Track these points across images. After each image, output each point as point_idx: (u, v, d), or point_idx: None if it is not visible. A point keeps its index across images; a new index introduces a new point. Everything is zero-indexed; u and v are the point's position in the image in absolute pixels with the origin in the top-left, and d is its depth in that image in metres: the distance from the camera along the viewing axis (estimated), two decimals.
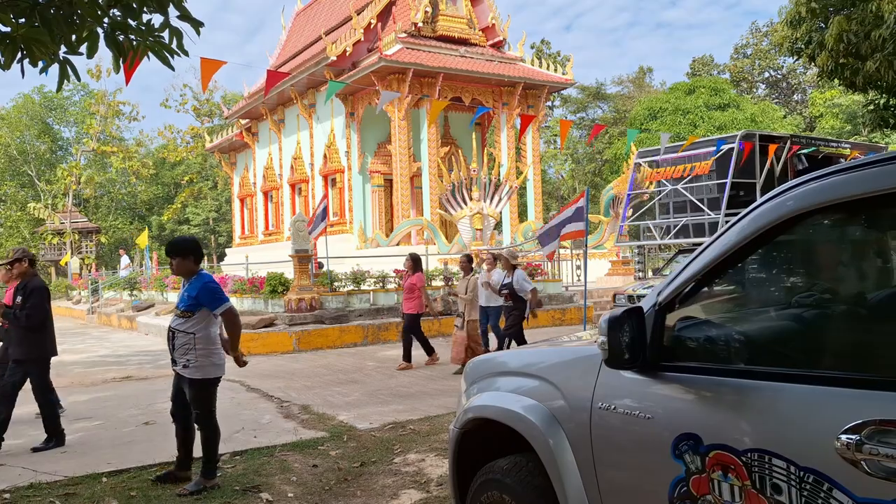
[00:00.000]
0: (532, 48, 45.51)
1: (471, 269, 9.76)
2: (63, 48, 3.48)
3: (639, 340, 2.17)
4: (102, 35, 3.47)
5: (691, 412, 2.05)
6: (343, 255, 17.67)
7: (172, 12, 3.59)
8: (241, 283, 15.08)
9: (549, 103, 41.20)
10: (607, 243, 20.65)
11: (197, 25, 3.60)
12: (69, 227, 36.94)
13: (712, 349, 2.16)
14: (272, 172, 27.65)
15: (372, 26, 21.79)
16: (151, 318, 17.43)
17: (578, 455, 2.40)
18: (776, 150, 13.77)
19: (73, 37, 3.48)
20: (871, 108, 14.83)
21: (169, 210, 45.56)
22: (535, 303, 9.36)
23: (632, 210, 15.71)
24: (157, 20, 3.62)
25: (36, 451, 5.87)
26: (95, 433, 6.53)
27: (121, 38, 3.49)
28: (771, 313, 2.17)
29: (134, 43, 3.54)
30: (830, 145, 15.58)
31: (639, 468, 2.22)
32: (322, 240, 15.37)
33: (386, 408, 7.26)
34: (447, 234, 20.75)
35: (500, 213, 20.76)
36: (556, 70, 23.86)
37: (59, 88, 3.67)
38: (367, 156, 22.88)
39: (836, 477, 1.66)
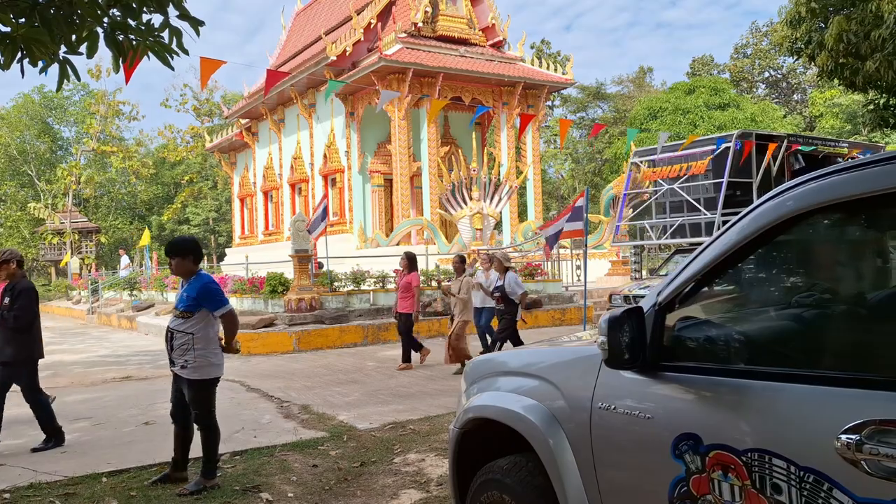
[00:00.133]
0: (532, 48, 45.55)
1: (464, 269, 9.72)
2: (63, 48, 3.48)
3: (639, 340, 2.17)
4: (102, 35, 3.47)
5: (691, 412, 2.05)
6: (343, 255, 17.68)
7: (172, 12, 3.59)
8: (240, 283, 15.09)
9: (549, 103, 41.19)
10: (607, 243, 20.65)
11: (197, 25, 3.60)
12: (69, 226, 36.95)
13: (712, 349, 2.16)
14: (272, 172, 27.65)
15: (372, 26, 21.79)
16: (151, 318, 17.44)
17: (578, 455, 2.40)
18: (773, 150, 13.71)
19: (73, 37, 3.48)
20: (871, 107, 14.83)
21: (169, 210, 45.55)
22: (525, 305, 9.30)
23: (632, 210, 15.67)
24: (157, 20, 3.62)
25: (36, 452, 5.87)
26: (95, 433, 6.53)
27: (120, 37, 3.50)
28: (771, 313, 2.17)
29: (134, 43, 3.54)
30: (828, 145, 15.52)
31: (639, 468, 2.22)
32: (322, 240, 15.37)
33: (386, 408, 7.26)
34: (447, 234, 20.75)
35: (500, 212, 20.76)
36: (556, 70, 23.86)
37: (58, 88, 3.67)
38: (367, 156, 22.88)
39: (836, 477, 1.66)
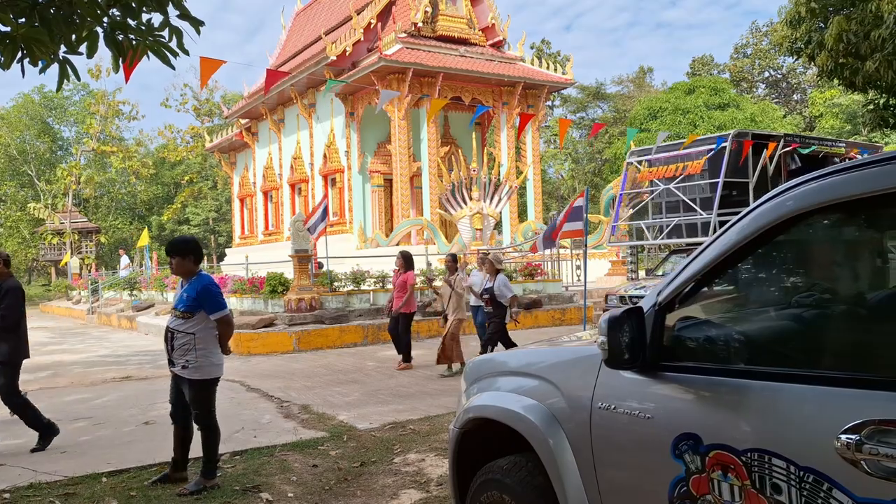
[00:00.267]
0: (532, 48, 45.56)
1: (455, 268, 9.69)
2: (63, 48, 3.48)
3: (638, 340, 2.17)
4: (102, 35, 3.47)
5: (691, 412, 2.05)
6: (343, 254, 17.67)
7: (172, 11, 3.59)
8: (240, 283, 15.09)
9: (549, 103, 41.18)
10: (606, 243, 20.65)
11: (197, 24, 3.60)
12: (69, 227, 36.96)
13: (712, 349, 2.16)
14: (272, 172, 27.65)
15: (372, 26, 21.79)
16: (151, 318, 17.43)
17: (578, 455, 2.40)
18: (772, 149, 13.66)
19: (73, 36, 3.48)
20: (871, 107, 14.84)
21: (169, 210, 45.54)
22: (515, 309, 9.17)
23: (631, 210, 15.64)
24: (157, 19, 3.62)
25: (35, 452, 5.86)
26: (95, 433, 6.53)
27: (120, 37, 3.50)
28: (771, 313, 2.17)
29: (133, 42, 3.54)
30: (825, 144, 15.48)
31: (639, 468, 2.22)
32: (322, 240, 15.36)
33: (386, 408, 7.26)
34: (447, 233, 20.75)
35: (500, 212, 20.76)
36: (556, 70, 23.86)
37: (58, 88, 3.67)
38: (367, 156, 22.88)
39: (835, 477, 1.66)
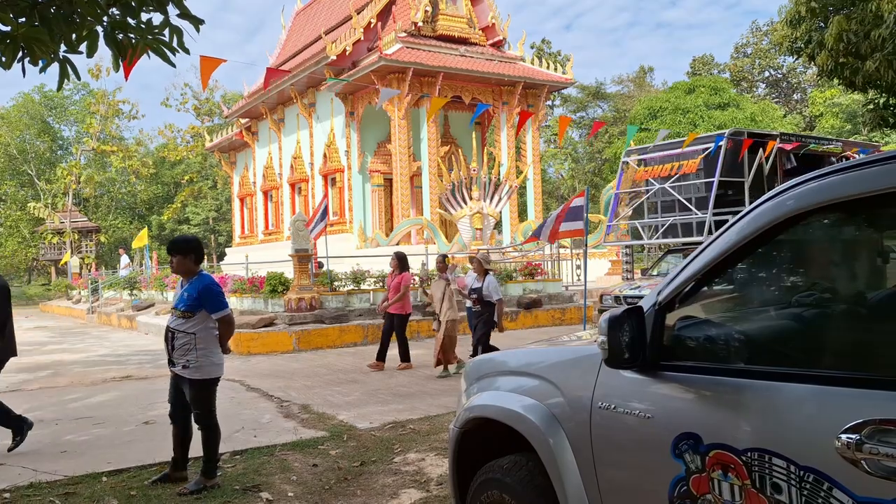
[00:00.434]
0: (532, 48, 45.57)
1: (446, 269, 9.58)
2: (63, 47, 3.48)
3: (639, 340, 2.17)
4: (102, 34, 3.47)
5: (691, 411, 2.05)
6: (343, 254, 17.67)
7: (172, 10, 3.59)
8: (240, 283, 15.08)
9: (549, 102, 41.18)
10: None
11: (197, 23, 3.60)
12: (69, 226, 36.98)
13: (712, 348, 2.16)
14: (272, 172, 27.64)
15: (372, 25, 21.78)
16: (151, 318, 17.43)
17: (578, 454, 2.40)
18: (763, 149, 13.56)
19: (73, 36, 3.48)
20: (871, 107, 14.85)
21: (169, 209, 45.53)
22: (500, 315, 8.91)
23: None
24: (157, 19, 3.62)
25: (11, 451, 5.66)
26: (95, 432, 6.53)
27: (120, 36, 3.50)
28: (771, 313, 2.17)
29: (133, 41, 3.54)
30: (823, 144, 15.43)
31: (639, 467, 2.22)
32: (322, 239, 15.35)
33: (386, 407, 7.26)
34: (447, 233, 20.75)
35: (500, 212, 20.76)
36: (556, 69, 23.85)
37: (59, 87, 3.67)
38: (367, 155, 22.87)
39: (836, 476, 1.66)
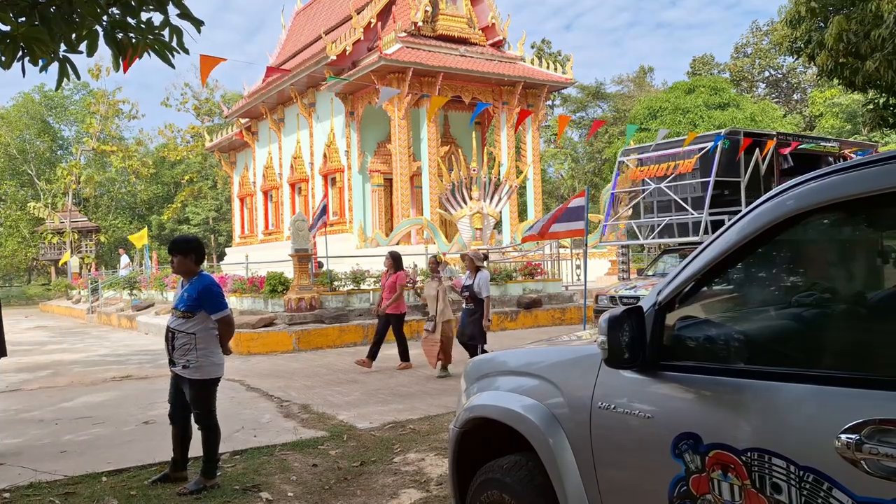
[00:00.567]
0: (532, 48, 45.56)
1: (438, 270, 9.53)
2: (63, 46, 3.48)
3: (639, 340, 2.17)
4: (102, 33, 3.47)
5: (691, 411, 2.05)
6: (343, 254, 17.66)
7: (172, 10, 3.59)
8: (240, 283, 15.08)
9: (549, 102, 41.18)
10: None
11: (197, 24, 3.60)
12: (69, 226, 36.97)
13: (712, 348, 2.16)
14: (272, 172, 27.64)
15: (372, 25, 21.78)
16: (151, 318, 17.43)
17: (578, 454, 2.40)
18: (760, 148, 13.51)
19: (73, 35, 3.48)
20: (871, 107, 14.85)
21: (169, 209, 45.52)
22: (487, 312, 8.79)
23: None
24: (157, 18, 3.62)
25: None
26: (95, 432, 6.53)
27: (120, 36, 3.50)
28: (771, 313, 2.17)
29: (133, 41, 3.54)
30: (820, 143, 15.37)
31: (639, 467, 2.22)
32: (322, 239, 15.35)
33: (386, 407, 7.26)
34: (447, 233, 20.75)
35: (500, 212, 20.76)
36: (556, 69, 23.84)
37: (58, 86, 3.67)
38: (367, 155, 22.87)
39: (835, 476, 1.66)
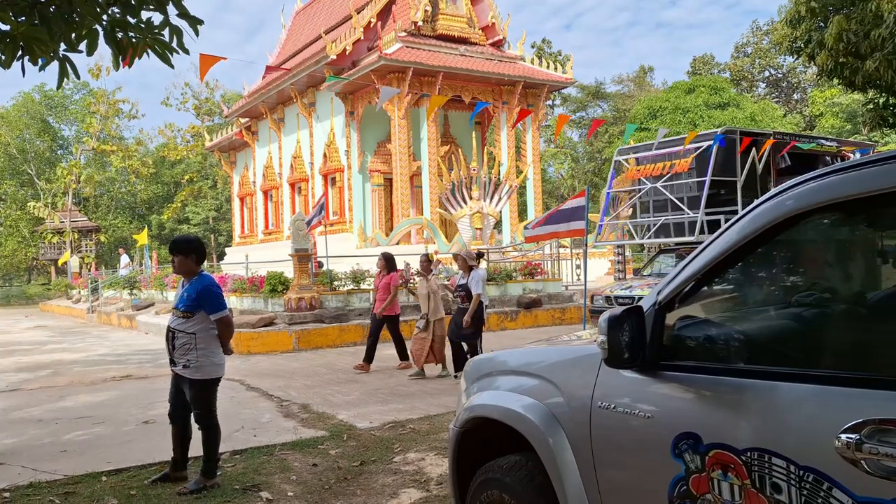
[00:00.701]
0: (532, 47, 45.56)
1: (430, 269, 9.54)
2: (63, 46, 3.48)
3: (638, 340, 2.17)
4: (102, 33, 3.47)
5: (691, 411, 2.05)
6: (343, 254, 17.66)
7: (172, 10, 3.60)
8: (240, 283, 15.09)
9: (550, 102, 41.18)
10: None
11: (196, 24, 3.61)
12: (69, 225, 36.95)
13: (712, 348, 2.15)
14: (272, 171, 27.64)
15: (372, 25, 21.78)
16: (151, 317, 17.43)
17: (578, 454, 2.40)
18: (757, 147, 13.47)
19: (73, 35, 3.48)
20: (871, 107, 14.84)
21: (169, 209, 45.52)
22: (472, 310, 8.64)
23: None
24: (157, 18, 3.62)
25: None
26: (95, 432, 6.53)
27: (120, 35, 3.50)
28: (770, 312, 2.16)
29: (133, 40, 3.54)
30: (818, 143, 15.34)
31: (638, 467, 2.22)
32: (322, 239, 15.35)
33: (386, 407, 7.26)
34: (447, 233, 20.75)
35: (500, 212, 20.76)
36: (556, 69, 23.84)
37: (58, 86, 3.68)
38: (367, 155, 22.87)
39: (835, 476, 1.66)
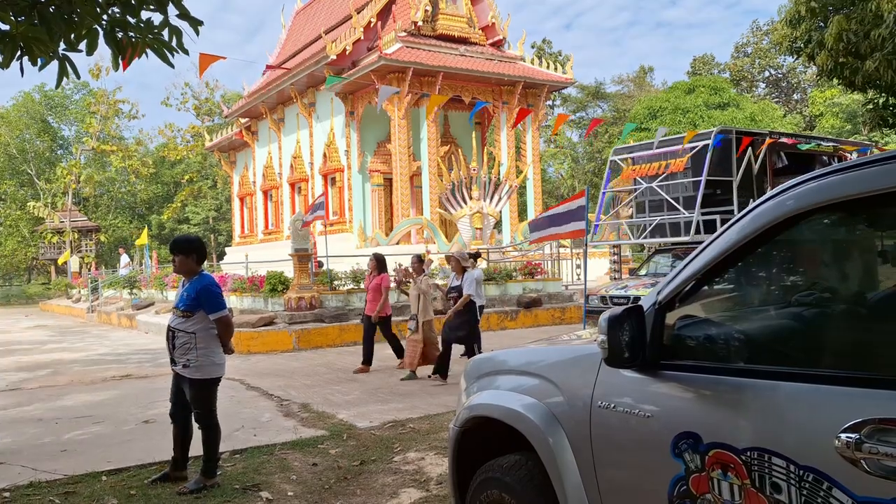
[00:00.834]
0: (532, 47, 45.57)
1: (422, 270, 9.48)
2: (62, 46, 3.48)
3: (639, 339, 2.17)
4: (102, 33, 3.47)
5: (691, 411, 2.05)
6: (343, 253, 17.66)
7: (172, 11, 3.60)
8: (240, 282, 15.09)
9: (550, 102, 41.16)
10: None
11: (196, 24, 3.61)
12: (69, 225, 36.94)
13: (712, 348, 2.16)
14: (272, 171, 27.63)
15: (372, 25, 21.77)
16: (151, 317, 17.43)
17: (578, 454, 2.40)
18: (753, 147, 13.44)
19: (73, 34, 3.48)
20: (871, 107, 14.83)
21: (169, 209, 45.50)
22: (458, 308, 8.58)
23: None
24: (157, 18, 3.62)
25: None
26: (95, 431, 6.53)
27: (120, 35, 3.50)
28: (771, 312, 2.17)
29: (133, 40, 3.54)
30: (814, 143, 15.31)
31: (638, 467, 2.22)
32: (322, 239, 15.35)
33: (386, 406, 7.26)
34: (447, 233, 20.75)
35: (500, 212, 20.76)
36: (556, 69, 23.83)
37: (58, 85, 3.68)
38: (367, 155, 22.87)
39: (835, 476, 1.66)
